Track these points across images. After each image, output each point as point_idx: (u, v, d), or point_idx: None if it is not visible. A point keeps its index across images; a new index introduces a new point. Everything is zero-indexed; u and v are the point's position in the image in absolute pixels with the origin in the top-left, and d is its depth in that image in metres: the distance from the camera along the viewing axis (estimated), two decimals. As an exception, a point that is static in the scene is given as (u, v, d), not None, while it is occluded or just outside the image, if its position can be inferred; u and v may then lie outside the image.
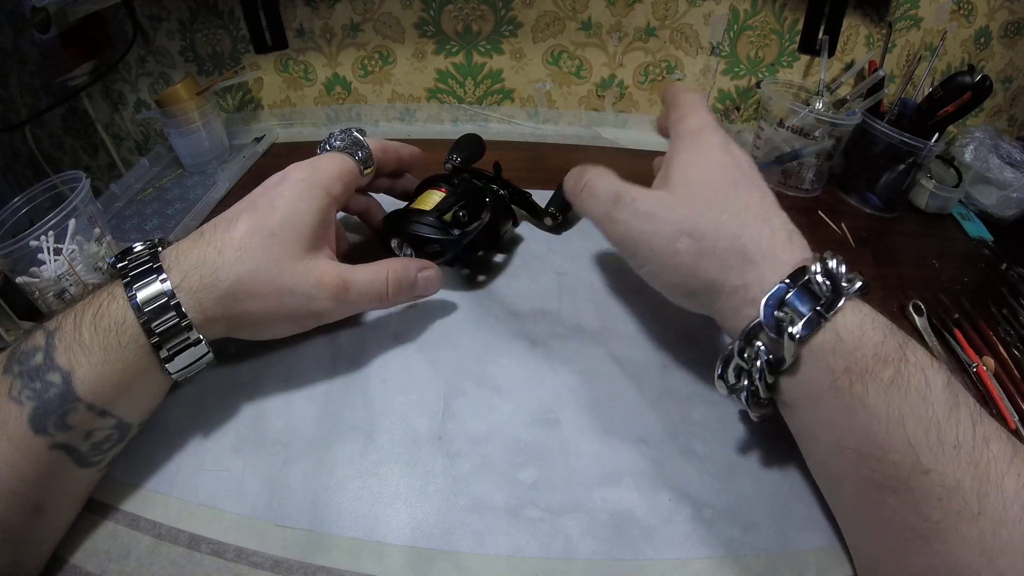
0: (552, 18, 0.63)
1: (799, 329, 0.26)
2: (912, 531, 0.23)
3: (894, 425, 0.24)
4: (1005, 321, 0.47)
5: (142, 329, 0.28)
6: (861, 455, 0.25)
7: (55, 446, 0.26)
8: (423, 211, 0.39)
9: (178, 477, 0.31)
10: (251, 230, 0.31)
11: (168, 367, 0.29)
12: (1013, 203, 0.60)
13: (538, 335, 0.39)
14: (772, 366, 0.27)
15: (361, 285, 0.34)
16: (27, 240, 0.40)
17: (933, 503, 0.22)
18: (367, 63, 0.67)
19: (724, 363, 0.30)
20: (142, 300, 0.28)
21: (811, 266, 0.27)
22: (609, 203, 0.33)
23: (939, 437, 0.23)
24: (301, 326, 0.34)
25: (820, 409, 0.27)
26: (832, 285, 0.26)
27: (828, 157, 0.58)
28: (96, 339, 0.27)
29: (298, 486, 0.30)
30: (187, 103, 0.59)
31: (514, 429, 0.33)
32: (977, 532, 0.21)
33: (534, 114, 0.70)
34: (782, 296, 0.27)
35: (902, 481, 0.23)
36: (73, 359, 0.26)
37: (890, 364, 0.24)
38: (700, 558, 0.28)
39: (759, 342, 0.28)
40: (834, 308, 0.26)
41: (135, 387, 0.28)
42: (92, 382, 0.26)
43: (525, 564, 0.28)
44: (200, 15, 0.64)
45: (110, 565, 0.27)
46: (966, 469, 0.22)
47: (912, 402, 0.24)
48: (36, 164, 0.72)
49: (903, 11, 0.62)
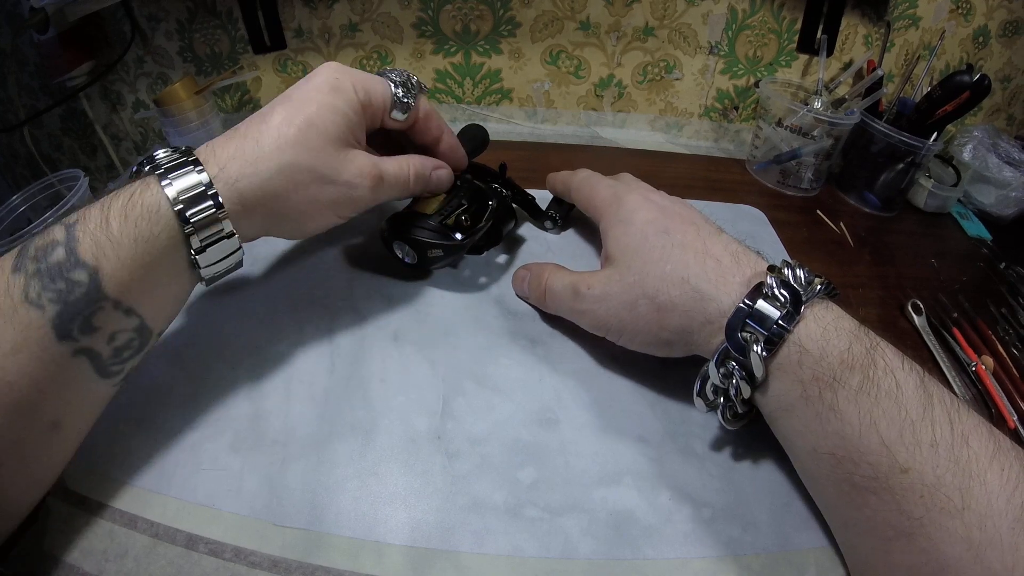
0: (550, 18, 0.63)
1: (762, 347, 0.26)
2: (895, 529, 0.23)
3: (866, 429, 0.24)
4: (1004, 320, 0.47)
5: (176, 217, 0.27)
6: (837, 459, 0.25)
7: (78, 351, 0.25)
8: (425, 215, 0.39)
9: (176, 476, 0.31)
10: (288, 120, 0.30)
11: (199, 259, 0.28)
12: (1012, 202, 0.60)
13: (538, 335, 0.39)
14: (748, 382, 0.28)
15: (391, 176, 0.35)
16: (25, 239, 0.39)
17: (915, 501, 0.23)
18: (366, 63, 0.67)
19: (702, 381, 0.31)
20: (179, 189, 0.27)
21: (767, 280, 0.28)
22: (570, 298, 0.35)
23: (915, 437, 0.23)
24: (339, 215, 0.34)
25: (794, 419, 0.27)
26: (791, 296, 0.27)
27: (827, 156, 0.58)
28: (126, 229, 0.26)
29: (297, 486, 0.30)
30: (185, 103, 0.59)
31: (513, 429, 0.33)
32: (962, 527, 0.22)
33: (533, 114, 0.70)
34: (743, 317, 0.27)
35: (880, 481, 0.24)
36: (100, 253, 0.25)
37: (857, 370, 0.25)
38: (700, 558, 0.28)
39: (731, 362, 0.28)
40: (795, 320, 0.26)
41: (162, 283, 0.28)
42: (120, 278, 0.25)
43: (525, 564, 0.27)
44: (198, 15, 0.64)
45: (107, 565, 0.27)
46: (946, 466, 0.22)
47: (884, 405, 0.24)
48: (35, 164, 0.72)
49: (901, 10, 0.62)
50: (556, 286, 0.36)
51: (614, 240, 0.34)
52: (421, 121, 0.38)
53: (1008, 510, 0.21)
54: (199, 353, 0.36)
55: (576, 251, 0.46)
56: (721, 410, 0.30)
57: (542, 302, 0.38)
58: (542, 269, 0.38)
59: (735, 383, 0.28)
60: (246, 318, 0.39)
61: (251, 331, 0.38)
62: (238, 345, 0.37)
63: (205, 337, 0.37)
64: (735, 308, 0.28)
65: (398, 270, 0.43)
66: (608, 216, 0.36)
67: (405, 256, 0.40)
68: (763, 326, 0.27)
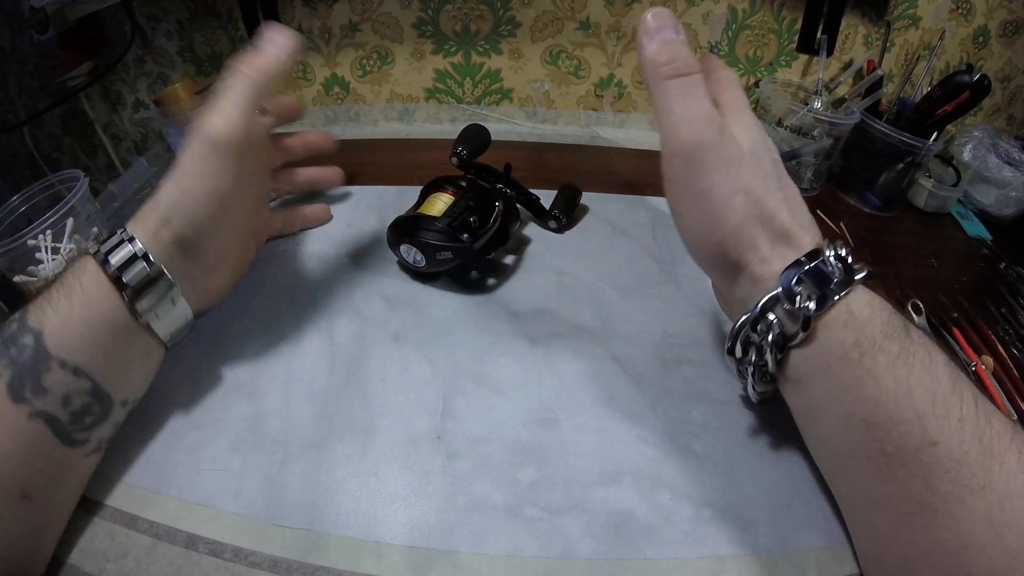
0: (551, 18, 0.63)
1: (815, 303, 0.27)
2: (920, 504, 0.23)
3: (903, 396, 0.24)
4: (1004, 320, 0.47)
5: (99, 265, 0.28)
6: (870, 426, 0.25)
7: (34, 415, 0.26)
8: (433, 217, 0.39)
9: (176, 476, 0.31)
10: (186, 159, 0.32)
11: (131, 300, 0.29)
12: (1012, 202, 0.60)
13: (538, 335, 0.39)
14: (784, 340, 0.28)
15: None
16: (25, 239, 0.39)
17: (941, 475, 0.23)
18: (366, 63, 0.67)
19: (734, 336, 0.30)
20: (102, 246, 0.29)
21: (825, 250, 0.28)
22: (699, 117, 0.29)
23: (945, 410, 0.23)
24: None
25: (830, 381, 0.27)
26: (844, 268, 0.27)
27: (827, 156, 0.58)
28: (62, 291, 0.28)
29: (297, 486, 0.30)
30: (185, 103, 0.58)
31: (513, 429, 0.33)
32: (984, 504, 0.22)
33: (533, 114, 0.70)
34: (800, 272, 0.28)
35: (911, 452, 0.24)
36: (42, 316, 0.27)
37: (896, 340, 0.25)
38: (700, 558, 0.28)
39: (773, 315, 0.28)
40: (846, 287, 0.27)
41: (105, 341, 0.28)
42: (60, 334, 0.27)
43: (525, 564, 0.27)
44: (198, 16, 0.64)
45: (107, 565, 0.27)
46: (972, 442, 0.23)
47: (919, 375, 0.24)
48: (35, 164, 0.72)
49: (901, 10, 0.62)
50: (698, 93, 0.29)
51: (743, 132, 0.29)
52: None
53: None
54: (199, 353, 0.36)
55: (576, 251, 0.46)
56: (752, 369, 0.30)
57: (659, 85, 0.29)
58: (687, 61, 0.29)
59: (772, 338, 0.28)
60: (246, 318, 0.39)
61: (251, 331, 0.38)
62: (238, 345, 0.37)
63: (205, 337, 0.37)
64: (796, 260, 0.28)
65: (399, 271, 0.43)
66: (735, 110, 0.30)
67: (414, 260, 0.40)
68: (818, 283, 0.27)
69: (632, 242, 0.48)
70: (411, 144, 0.64)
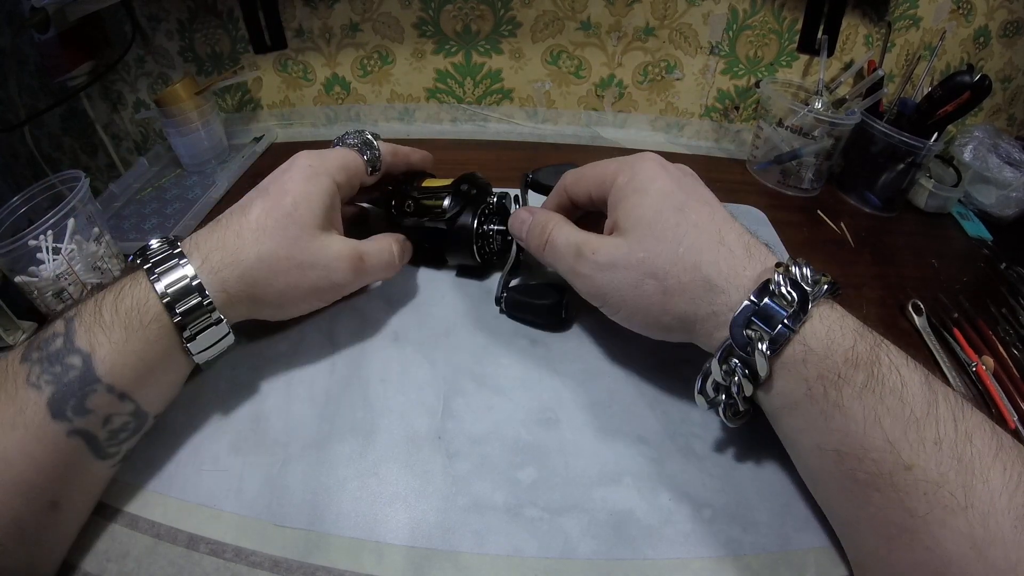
0: (551, 18, 0.63)
1: (767, 346, 0.26)
2: (898, 527, 0.23)
3: (871, 425, 0.24)
4: (1004, 320, 0.47)
5: (164, 309, 0.28)
6: (841, 455, 0.25)
7: (73, 432, 0.26)
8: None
9: (177, 477, 0.31)
10: (266, 212, 0.32)
11: (190, 347, 0.30)
12: (1012, 202, 0.60)
13: (538, 335, 0.39)
14: (750, 379, 0.28)
15: (374, 255, 0.37)
16: (26, 239, 0.39)
17: (918, 497, 0.23)
18: (366, 63, 0.67)
19: (703, 378, 0.30)
20: (167, 283, 0.29)
21: (775, 277, 0.27)
22: (571, 257, 0.33)
23: (919, 434, 0.23)
24: (322, 299, 0.37)
25: (797, 417, 0.27)
26: (798, 295, 0.27)
27: (827, 157, 0.58)
28: (117, 320, 0.27)
29: (297, 486, 0.30)
30: (186, 103, 0.59)
31: (513, 429, 0.33)
32: (966, 524, 0.22)
33: (533, 114, 0.70)
34: (749, 315, 0.27)
35: (884, 478, 0.24)
36: (94, 339, 0.27)
37: (862, 367, 0.25)
38: (700, 558, 0.28)
39: (734, 359, 0.28)
40: (801, 319, 0.26)
41: (156, 370, 0.29)
42: (112, 362, 0.27)
43: (525, 564, 0.28)
44: (199, 15, 0.64)
45: (108, 565, 0.27)
46: (950, 464, 0.22)
47: (888, 402, 0.24)
48: (35, 164, 0.72)
49: (902, 10, 0.62)
50: (559, 240, 0.34)
51: (626, 210, 0.32)
52: (389, 164, 0.41)
53: (1011, 508, 0.21)
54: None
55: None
56: (722, 408, 0.30)
57: (540, 252, 0.36)
58: (548, 219, 0.35)
59: (737, 380, 0.28)
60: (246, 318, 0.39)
61: (251, 331, 0.38)
62: (238, 345, 0.37)
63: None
64: (743, 305, 0.27)
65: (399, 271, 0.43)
66: (619, 184, 0.33)
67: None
68: (769, 325, 0.26)
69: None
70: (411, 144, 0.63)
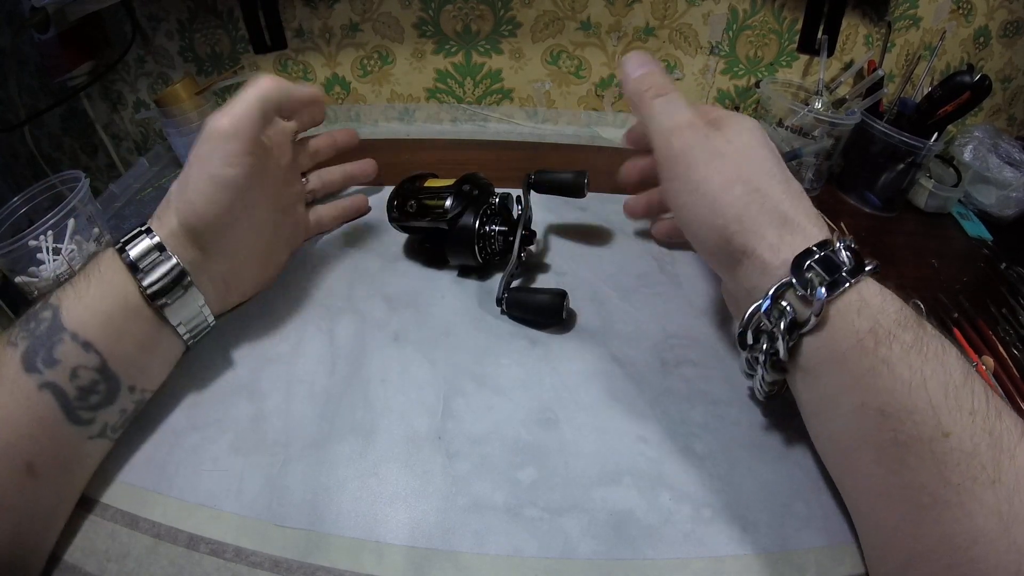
0: (551, 18, 0.63)
1: (826, 289, 0.27)
2: (931, 496, 0.23)
3: (917, 386, 0.24)
4: (1004, 320, 0.47)
5: (116, 253, 0.31)
6: (884, 416, 0.25)
7: (44, 385, 0.27)
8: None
9: (177, 477, 0.31)
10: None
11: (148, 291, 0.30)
12: (1012, 202, 0.60)
13: (537, 335, 0.39)
14: (796, 327, 0.28)
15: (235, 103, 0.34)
16: (26, 240, 0.39)
17: (952, 467, 0.23)
18: (366, 63, 0.67)
19: (745, 324, 0.30)
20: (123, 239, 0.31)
21: (835, 242, 0.28)
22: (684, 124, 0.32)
23: (958, 402, 0.23)
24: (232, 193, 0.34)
25: (844, 370, 0.27)
26: (854, 258, 0.28)
27: (827, 157, 0.58)
28: (83, 275, 0.30)
29: (297, 486, 0.30)
30: (186, 103, 0.59)
31: (513, 429, 0.33)
32: (994, 499, 0.22)
33: (533, 114, 0.70)
34: (810, 260, 0.28)
35: (924, 443, 0.24)
36: (63, 294, 0.29)
37: (910, 329, 0.25)
38: (700, 558, 0.28)
39: (785, 301, 0.28)
40: (857, 275, 0.27)
41: (116, 318, 0.30)
42: (78, 312, 0.29)
43: (525, 564, 0.28)
44: (199, 15, 0.64)
45: (109, 565, 0.27)
46: (982, 436, 0.23)
47: (932, 366, 0.24)
48: (35, 164, 0.72)
49: (902, 10, 0.62)
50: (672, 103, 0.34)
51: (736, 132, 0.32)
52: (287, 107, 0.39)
53: None
54: (200, 353, 0.36)
55: (576, 251, 0.46)
56: (763, 358, 0.30)
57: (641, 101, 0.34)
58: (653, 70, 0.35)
59: (784, 325, 0.28)
60: (246, 318, 0.39)
61: (252, 331, 0.38)
62: (238, 345, 0.37)
63: (206, 337, 0.37)
64: (807, 248, 0.28)
65: (400, 271, 0.43)
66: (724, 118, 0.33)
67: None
68: (829, 270, 0.27)
69: (632, 242, 0.48)
70: (411, 144, 0.64)
